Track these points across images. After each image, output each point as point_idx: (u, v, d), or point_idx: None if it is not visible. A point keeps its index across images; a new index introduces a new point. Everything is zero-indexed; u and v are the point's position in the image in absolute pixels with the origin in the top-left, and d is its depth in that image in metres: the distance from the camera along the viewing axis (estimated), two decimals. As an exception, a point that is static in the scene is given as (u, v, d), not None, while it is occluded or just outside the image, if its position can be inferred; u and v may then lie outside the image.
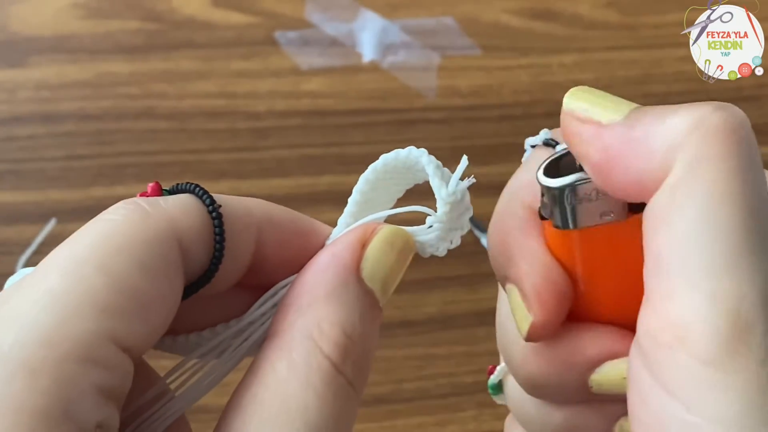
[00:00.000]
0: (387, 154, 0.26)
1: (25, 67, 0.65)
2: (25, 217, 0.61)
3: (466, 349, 0.59)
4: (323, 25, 0.68)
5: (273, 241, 0.25)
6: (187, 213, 0.23)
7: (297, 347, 0.22)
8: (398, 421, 0.57)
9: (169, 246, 0.22)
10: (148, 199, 0.24)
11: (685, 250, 0.20)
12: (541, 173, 0.24)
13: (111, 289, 0.21)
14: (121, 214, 0.23)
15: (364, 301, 0.23)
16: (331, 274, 0.24)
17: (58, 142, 0.63)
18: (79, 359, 0.20)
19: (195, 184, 0.25)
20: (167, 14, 0.67)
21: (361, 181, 0.27)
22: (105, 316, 0.20)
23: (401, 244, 0.25)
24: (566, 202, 0.24)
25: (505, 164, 0.63)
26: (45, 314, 0.20)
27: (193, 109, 0.65)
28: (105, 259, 0.21)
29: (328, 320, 0.23)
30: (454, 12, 0.69)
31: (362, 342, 0.23)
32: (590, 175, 0.23)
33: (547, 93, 0.66)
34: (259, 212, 0.25)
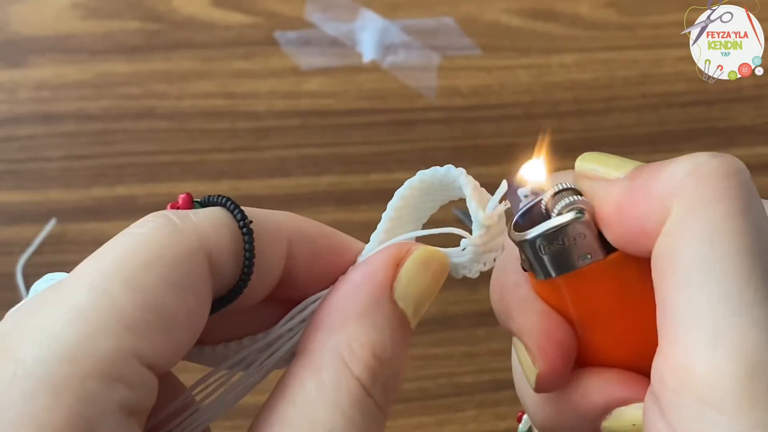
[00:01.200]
0: (424, 171, 0.26)
1: (25, 67, 0.65)
2: (25, 217, 0.61)
3: (466, 349, 0.59)
4: (323, 25, 0.68)
5: (303, 256, 0.25)
6: (218, 228, 0.23)
7: (327, 367, 0.22)
8: (398, 421, 0.57)
9: (198, 261, 0.22)
10: (178, 212, 0.23)
11: (686, 293, 0.20)
12: (511, 228, 0.25)
13: (137, 306, 0.20)
14: (150, 228, 0.22)
15: (395, 322, 0.23)
16: (364, 294, 0.23)
17: (58, 142, 0.63)
18: (103, 377, 0.19)
19: (226, 198, 0.24)
20: (167, 14, 0.67)
21: (396, 197, 0.26)
22: (130, 334, 0.20)
23: (436, 266, 0.25)
24: (540, 252, 0.24)
25: (505, 164, 0.63)
26: (69, 330, 0.20)
27: (193, 109, 0.65)
28: (132, 275, 0.21)
29: (359, 341, 0.22)
30: (454, 12, 0.69)
31: (392, 364, 0.23)
32: (602, 229, 0.23)
33: (547, 93, 0.66)
34: (290, 226, 0.25)
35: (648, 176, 0.22)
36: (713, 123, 0.66)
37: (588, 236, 0.24)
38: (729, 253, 0.20)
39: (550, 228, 0.24)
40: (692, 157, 0.22)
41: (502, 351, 0.58)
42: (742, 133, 0.66)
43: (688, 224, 0.20)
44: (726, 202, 0.20)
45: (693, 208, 0.21)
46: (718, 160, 0.21)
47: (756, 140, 0.66)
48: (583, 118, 0.66)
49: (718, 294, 0.19)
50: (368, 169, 0.63)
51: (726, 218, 0.20)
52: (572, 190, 0.25)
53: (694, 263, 0.20)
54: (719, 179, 0.21)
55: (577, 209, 0.24)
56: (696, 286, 0.20)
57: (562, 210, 0.24)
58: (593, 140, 0.65)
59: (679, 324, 0.20)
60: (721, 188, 0.21)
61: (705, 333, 0.19)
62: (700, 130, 0.66)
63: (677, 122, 0.66)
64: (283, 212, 0.25)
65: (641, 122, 0.66)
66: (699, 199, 0.21)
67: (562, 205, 0.24)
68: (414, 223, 0.27)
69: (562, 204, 0.24)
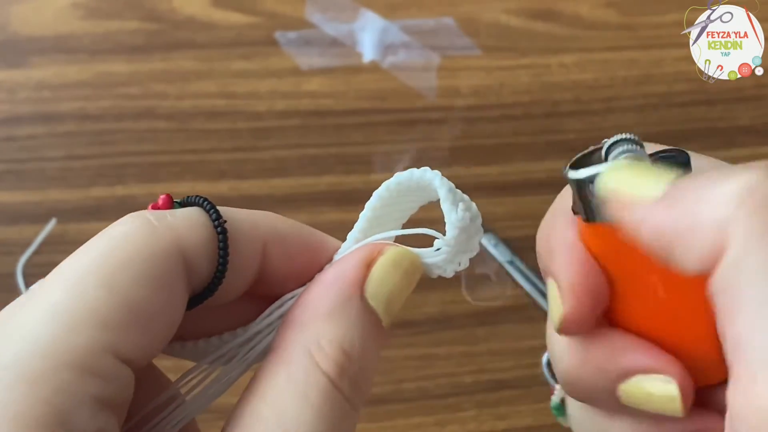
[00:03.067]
0: (401, 172, 0.26)
1: (26, 67, 0.65)
2: (25, 217, 0.61)
3: (466, 349, 0.59)
4: (323, 25, 0.68)
5: (279, 255, 0.26)
6: (193, 227, 0.24)
7: (296, 363, 0.23)
8: (398, 421, 0.57)
9: (173, 260, 0.23)
10: (155, 213, 0.24)
11: (762, 333, 0.19)
12: (568, 167, 0.24)
13: (111, 303, 0.21)
14: (127, 228, 0.23)
15: (365, 320, 0.24)
16: (334, 292, 0.24)
17: (58, 142, 0.63)
18: (77, 370, 0.20)
19: (203, 198, 0.25)
20: (167, 14, 0.67)
21: (374, 198, 0.27)
22: (104, 330, 0.21)
23: (407, 265, 0.25)
24: (589, 195, 0.23)
25: (505, 164, 0.63)
26: (45, 327, 0.21)
27: (194, 109, 0.65)
28: (108, 273, 0.22)
29: (327, 337, 0.23)
30: (454, 12, 0.69)
31: (361, 360, 0.23)
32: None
33: (547, 93, 0.66)
34: (266, 226, 0.26)
35: (693, 201, 0.21)
36: (713, 123, 0.66)
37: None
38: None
39: (602, 170, 0.23)
40: (741, 177, 0.20)
41: (502, 351, 0.58)
42: (743, 133, 0.66)
43: (751, 260, 0.19)
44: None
45: (754, 244, 0.20)
46: (765, 184, 0.20)
47: (756, 140, 0.66)
48: (583, 119, 0.66)
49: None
50: (368, 169, 0.63)
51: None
52: (633, 141, 0.24)
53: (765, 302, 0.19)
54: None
55: (633, 157, 0.24)
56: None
57: (618, 155, 0.24)
58: (593, 140, 0.65)
59: (758, 364, 0.19)
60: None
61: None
62: (700, 130, 0.66)
63: (677, 122, 0.66)
64: (260, 212, 0.26)
65: (641, 122, 0.66)
66: (758, 233, 0.20)
67: (619, 150, 0.24)
68: (392, 224, 0.28)
69: (619, 150, 0.24)
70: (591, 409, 0.27)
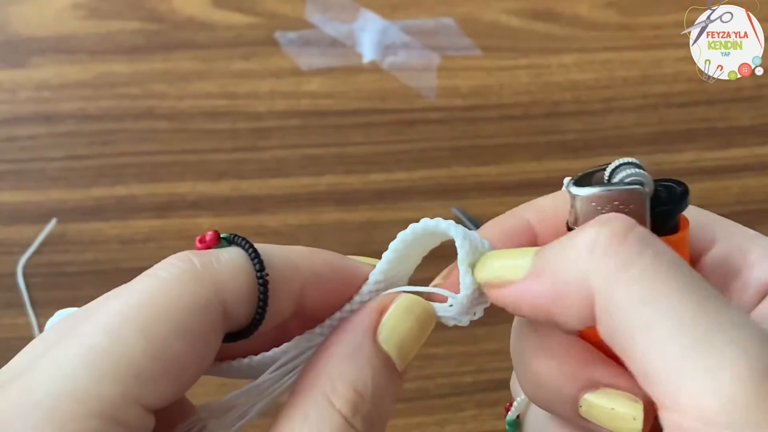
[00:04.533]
0: (428, 220, 0.27)
1: (26, 68, 0.65)
2: (25, 217, 0.61)
3: (466, 349, 0.59)
4: (323, 26, 0.68)
5: (317, 293, 0.27)
6: (236, 276, 0.24)
7: (311, 403, 0.24)
8: (398, 421, 0.57)
9: (212, 311, 0.23)
10: (201, 256, 0.24)
11: (659, 351, 0.20)
12: (572, 184, 0.25)
13: (148, 355, 0.22)
14: (171, 274, 0.23)
15: (377, 363, 0.25)
16: (348, 338, 0.25)
17: (58, 143, 0.63)
18: (105, 418, 0.21)
19: (247, 241, 0.25)
20: (168, 15, 0.67)
21: (399, 240, 0.28)
22: (138, 381, 0.21)
23: (419, 312, 0.26)
24: (588, 211, 0.25)
25: (505, 164, 0.63)
26: (83, 371, 0.21)
27: (194, 109, 0.65)
28: (148, 323, 0.22)
29: (341, 379, 0.24)
30: (454, 12, 0.69)
31: (374, 399, 0.24)
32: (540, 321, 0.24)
33: (547, 93, 0.66)
34: (306, 269, 0.26)
35: (555, 267, 0.23)
36: (713, 123, 0.66)
37: (640, 209, 0.24)
38: (671, 301, 0.21)
39: (608, 190, 0.24)
40: (587, 231, 0.22)
41: (501, 351, 0.58)
42: (742, 133, 0.66)
43: (618, 300, 0.21)
44: (637, 262, 0.21)
45: (612, 284, 0.21)
46: (608, 228, 0.22)
47: (756, 140, 0.66)
48: (583, 119, 0.66)
49: (684, 336, 0.20)
50: (368, 169, 0.63)
51: (646, 274, 0.21)
52: (637, 165, 0.25)
53: (648, 325, 0.21)
54: (618, 247, 0.22)
55: (638, 181, 0.25)
56: (664, 342, 0.20)
57: (624, 178, 0.25)
58: (593, 141, 0.65)
59: (671, 378, 0.20)
60: (626, 254, 0.21)
61: (697, 371, 0.20)
62: (699, 130, 0.66)
63: (677, 122, 0.66)
64: (299, 251, 0.27)
65: (641, 122, 0.66)
66: (612, 274, 0.21)
67: (624, 174, 0.25)
68: (409, 263, 0.29)
69: (624, 173, 0.25)
70: (547, 428, 0.28)
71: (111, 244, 0.61)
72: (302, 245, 0.27)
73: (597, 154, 0.64)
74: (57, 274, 0.60)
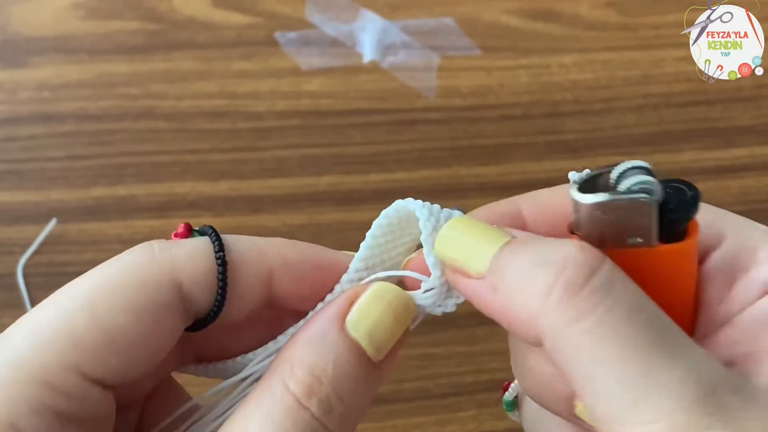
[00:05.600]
0: (398, 201, 0.27)
1: (26, 68, 0.65)
2: (25, 217, 0.61)
3: (466, 349, 0.59)
4: (323, 26, 0.68)
5: (287, 280, 0.27)
6: (194, 259, 0.25)
7: (268, 389, 0.24)
8: (398, 421, 0.57)
9: (163, 290, 0.24)
10: (162, 243, 0.25)
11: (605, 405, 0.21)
12: (575, 188, 0.24)
13: (89, 327, 0.23)
14: (130, 257, 0.25)
15: (343, 350, 0.25)
16: (314, 324, 0.25)
17: (58, 142, 0.63)
18: (41, 383, 0.22)
19: (212, 229, 0.26)
20: (167, 14, 0.67)
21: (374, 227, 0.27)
22: (75, 351, 0.23)
23: (391, 299, 0.26)
24: (593, 219, 0.24)
25: (505, 164, 0.63)
26: (23, 341, 0.23)
27: (194, 109, 0.65)
28: (93, 297, 0.24)
29: (300, 363, 0.24)
30: (454, 12, 0.69)
31: (334, 384, 0.24)
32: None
33: (547, 93, 0.66)
34: (273, 254, 0.27)
35: (511, 290, 0.23)
36: (713, 123, 0.66)
37: (647, 220, 0.23)
38: (615, 362, 0.21)
39: (614, 199, 0.23)
40: (544, 272, 0.22)
41: (501, 351, 0.58)
42: (742, 133, 0.66)
43: (566, 349, 0.22)
44: (589, 315, 0.21)
45: (561, 333, 0.22)
46: (568, 274, 0.22)
47: (756, 140, 0.66)
48: (583, 119, 0.66)
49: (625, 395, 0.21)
50: (368, 169, 0.63)
51: (595, 329, 0.21)
52: (645, 170, 0.24)
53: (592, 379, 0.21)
54: (573, 297, 0.22)
55: (646, 190, 0.23)
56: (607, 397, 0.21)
57: (632, 187, 0.24)
58: (593, 141, 0.65)
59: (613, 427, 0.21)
60: (580, 306, 0.21)
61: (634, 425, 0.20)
62: (700, 130, 0.66)
63: (677, 122, 0.66)
64: (269, 240, 0.27)
65: (641, 122, 0.66)
66: (563, 325, 0.21)
67: (633, 182, 0.24)
68: (397, 254, 0.28)
69: (633, 181, 0.24)
70: (543, 413, 0.28)
71: (111, 244, 0.61)
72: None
73: (597, 154, 0.64)
74: (57, 274, 0.60)
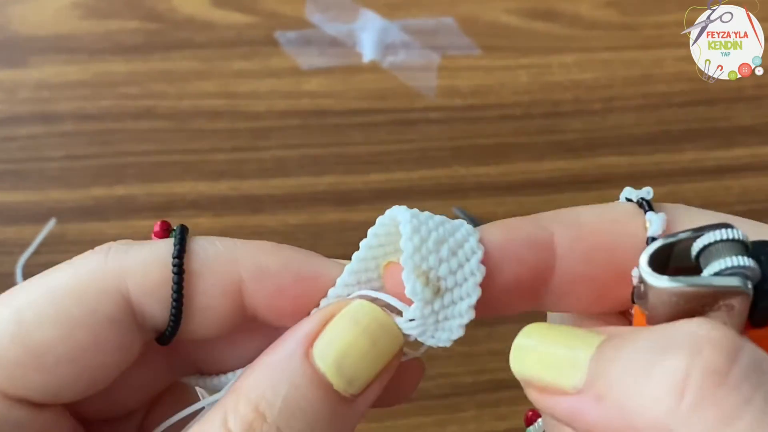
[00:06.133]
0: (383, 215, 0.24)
1: (25, 67, 0.65)
2: (24, 217, 0.61)
3: (466, 349, 0.59)
4: (323, 25, 0.68)
5: (262, 292, 0.23)
6: (148, 267, 0.22)
7: (208, 422, 0.21)
8: (398, 421, 0.57)
9: (106, 302, 0.21)
10: (119, 247, 0.22)
11: None
12: (646, 261, 0.19)
13: (14, 341, 0.21)
14: (77, 265, 0.22)
15: (302, 382, 0.21)
16: (276, 348, 0.22)
17: (57, 142, 0.63)
18: None
19: (181, 231, 0.23)
20: (167, 14, 0.67)
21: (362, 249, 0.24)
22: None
23: (368, 323, 0.22)
24: (669, 303, 0.19)
25: (505, 164, 0.63)
26: None
27: (193, 109, 0.65)
28: (23, 309, 0.21)
29: (246, 394, 0.21)
30: (454, 12, 0.69)
31: (282, 422, 0.20)
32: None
33: (547, 93, 0.66)
34: (247, 262, 0.23)
35: (624, 397, 0.18)
36: (714, 123, 0.66)
37: (736, 310, 0.19)
38: None
39: (699, 286, 0.18)
40: (670, 362, 0.17)
41: (501, 351, 0.58)
42: (743, 133, 0.66)
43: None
44: (745, 414, 0.16)
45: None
46: (704, 360, 0.17)
47: (756, 140, 0.66)
48: (584, 118, 0.66)
49: None
50: (368, 169, 0.63)
51: (757, 425, 0.16)
52: (739, 244, 0.19)
53: None
54: (718, 390, 0.16)
55: (741, 276, 0.19)
56: None
57: (722, 271, 0.19)
58: (593, 140, 0.65)
59: None
60: (730, 402, 0.16)
61: None
62: (700, 130, 0.66)
63: (678, 122, 0.66)
64: (249, 244, 0.24)
65: (642, 122, 0.66)
66: (714, 424, 0.16)
67: (725, 265, 0.19)
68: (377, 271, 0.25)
69: (725, 264, 0.19)
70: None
71: (110, 244, 0.61)
72: (302, 245, 0.25)
73: (597, 154, 0.64)
74: (56, 274, 0.60)
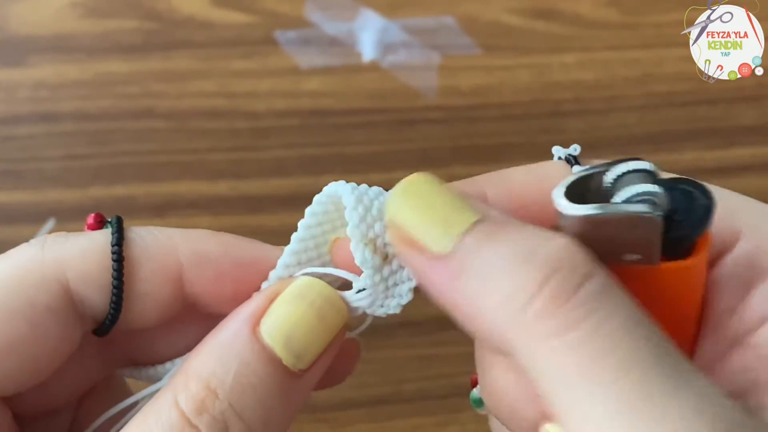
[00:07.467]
0: (318, 194, 0.24)
1: (24, 67, 0.65)
2: (23, 217, 0.61)
3: (466, 349, 0.59)
4: (323, 25, 0.68)
5: (202, 278, 0.24)
6: (86, 255, 0.22)
7: (157, 403, 0.21)
8: (398, 421, 0.57)
9: (44, 292, 0.22)
10: (55, 238, 0.23)
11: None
12: (561, 194, 0.20)
13: None
14: (14, 256, 0.22)
15: (251, 358, 0.21)
16: (223, 327, 0.22)
17: (56, 142, 0.63)
18: None
19: (117, 221, 0.23)
20: (166, 13, 0.67)
21: (300, 227, 0.25)
22: None
23: (314, 298, 0.22)
24: (581, 232, 0.19)
25: (505, 164, 0.63)
26: None
27: (193, 108, 0.65)
28: None
29: (195, 372, 0.21)
30: (455, 11, 0.69)
31: (233, 398, 0.21)
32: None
33: (548, 93, 0.66)
34: (186, 249, 0.23)
35: (477, 287, 0.19)
36: (714, 123, 0.66)
37: (648, 236, 0.19)
38: (607, 383, 0.17)
39: (609, 212, 0.19)
40: (525, 278, 0.18)
41: (502, 351, 0.58)
42: (743, 132, 0.66)
43: (545, 367, 0.18)
44: (576, 328, 0.18)
45: (539, 348, 0.18)
46: (553, 284, 0.18)
47: (757, 140, 0.65)
48: (584, 118, 0.66)
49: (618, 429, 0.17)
50: (368, 169, 0.63)
51: (583, 344, 0.18)
52: (648, 173, 0.20)
53: (575, 404, 0.18)
54: (557, 309, 0.18)
55: (649, 201, 0.19)
56: (593, 429, 0.18)
57: (632, 198, 0.19)
58: (594, 140, 0.65)
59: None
60: (566, 318, 0.18)
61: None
62: (701, 129, 0.66)
63: (679, 122, 0.66)
64: (187, 232, 0.24)
65: (642, 122, 0.65)
66: (542, 339, 0.18)
67: (633, 192, 0.20)
68: (326, 249, 0.25)
69: (633, 191, 0.20)
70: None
71: (110, 244, 0.61)
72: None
73: (598, 154, 0.64)
74: (55, 274, 0.60)
